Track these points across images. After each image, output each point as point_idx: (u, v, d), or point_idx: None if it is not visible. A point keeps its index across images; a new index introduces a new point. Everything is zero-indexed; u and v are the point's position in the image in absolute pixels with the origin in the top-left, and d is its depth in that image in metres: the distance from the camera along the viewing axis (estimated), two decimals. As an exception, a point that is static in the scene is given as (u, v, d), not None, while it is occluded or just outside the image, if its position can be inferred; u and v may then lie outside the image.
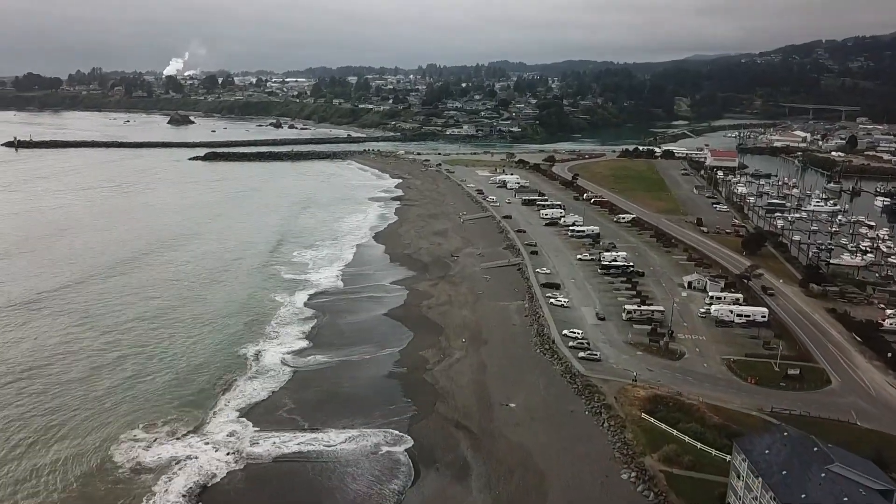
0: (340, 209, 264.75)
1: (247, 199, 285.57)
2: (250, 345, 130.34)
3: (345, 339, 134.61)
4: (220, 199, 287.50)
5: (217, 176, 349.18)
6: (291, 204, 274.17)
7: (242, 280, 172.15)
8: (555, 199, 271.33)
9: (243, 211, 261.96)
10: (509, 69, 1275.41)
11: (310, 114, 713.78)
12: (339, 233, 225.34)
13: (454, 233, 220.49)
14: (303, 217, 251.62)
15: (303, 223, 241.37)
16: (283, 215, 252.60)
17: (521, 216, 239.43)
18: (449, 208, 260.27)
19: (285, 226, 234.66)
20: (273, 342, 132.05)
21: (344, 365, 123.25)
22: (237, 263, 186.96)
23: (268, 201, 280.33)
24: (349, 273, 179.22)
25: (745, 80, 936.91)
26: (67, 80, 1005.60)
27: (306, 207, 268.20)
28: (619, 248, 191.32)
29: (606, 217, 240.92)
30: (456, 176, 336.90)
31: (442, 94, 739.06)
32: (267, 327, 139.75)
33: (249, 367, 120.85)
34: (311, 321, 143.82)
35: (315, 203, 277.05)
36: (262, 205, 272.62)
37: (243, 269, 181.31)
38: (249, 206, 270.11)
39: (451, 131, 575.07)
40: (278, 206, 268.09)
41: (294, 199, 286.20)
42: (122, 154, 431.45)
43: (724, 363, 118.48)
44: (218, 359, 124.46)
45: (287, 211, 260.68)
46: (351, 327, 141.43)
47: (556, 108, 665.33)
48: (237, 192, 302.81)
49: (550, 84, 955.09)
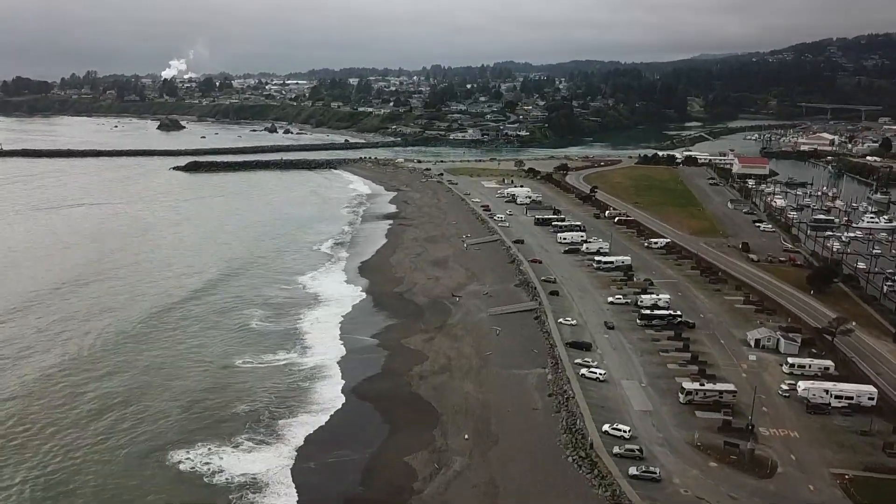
0: (322, 230, 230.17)
1: (214, 219, 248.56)
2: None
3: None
4: (181, 218, 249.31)
5: (193, 189, 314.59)
6: (266, 224, 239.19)
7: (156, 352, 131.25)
8: (572, 216, 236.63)
9: (201, 234, 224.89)
10: (515, 69, 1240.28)
11: (307, 117, 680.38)
12: (316, 264, 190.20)
13: (456, 262, 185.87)
14: (275, 242, 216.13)
15: (273, 250, 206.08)
16: (252, 238, 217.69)
17: (535, 240, 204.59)
18: (451, 229, 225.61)
19: (249, 256, 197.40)
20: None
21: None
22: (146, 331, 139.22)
23: (237, 222, 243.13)
24: (316, 331, 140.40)
25: (758, 79, 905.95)
26: (60, 84, 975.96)
27: (281, 229, 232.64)
28: (657, 286, 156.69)
29: (635, 241, 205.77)
30: (459, 188, 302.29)
31: (445, 96, 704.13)
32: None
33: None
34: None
35: (294, 223, 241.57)
36: (230, 226, 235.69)
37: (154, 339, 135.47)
38: (212, 229, 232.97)
39: (454, 136, 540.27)
40: (250, 228, 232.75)
41: (271, 217, 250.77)
42: (100, 164, 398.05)
43: (835, 482, 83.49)
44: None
45: (259, 233, 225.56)
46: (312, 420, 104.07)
47: (565, 109, 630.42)
48: (206, 210, 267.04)
49: (558, 85, 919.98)
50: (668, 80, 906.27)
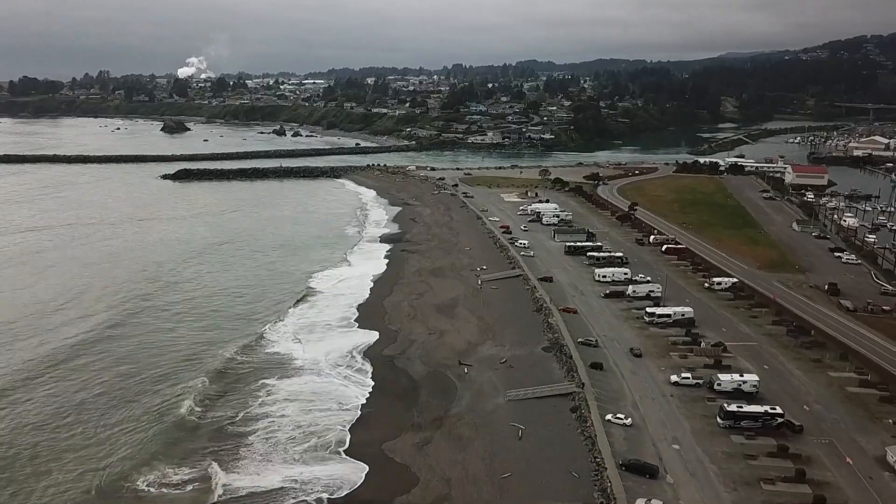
0: (312, 258, 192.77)
1: (188, 243, 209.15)
2: None
3: None
4: (147, 244, 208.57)
5: (177, 203, 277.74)
6: (245, 248, 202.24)
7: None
8: (610, 241, 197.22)
9: (166, 266, 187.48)
10: (538, 69, 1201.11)
11: (319, 119, 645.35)
12: (292, 312, 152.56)
13: (467, 307, 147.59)
14: (248, 274, 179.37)
15: (244, 284, 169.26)
16: (222, 270, 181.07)
17: (567, 276, 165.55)
18: (462, 257, 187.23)
19: (219, 298, 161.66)
20: None
21: None
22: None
23: (211, 249, 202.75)
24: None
25: (793, 78, 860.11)
26: (70, 84, 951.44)
27: (262, 257, 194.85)
28: (734, 353, 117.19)
29: (690, 278, 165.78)
30: (475, 202, 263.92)
31: (465, 96, 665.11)
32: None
33: None
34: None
35: (279, 248, 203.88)
36: (201, 255, 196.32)
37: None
38: (178, 256, 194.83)
39: (473, 139, 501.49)
40: (225, 256, 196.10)
41: (253, 239, 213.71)
42: (86, 171, 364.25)
43: None
44: None
45: (231, 262, 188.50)
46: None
47: (592, 110, 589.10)
48: (185, 230, 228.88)
49: (583, 84, 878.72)
50: (698, 79, 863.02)
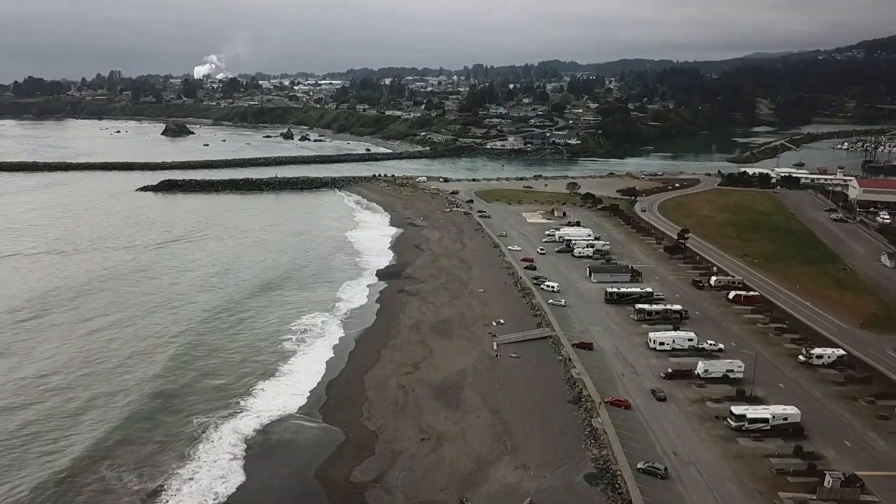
0: (288, 301, 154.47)
1: (141, 282, 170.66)
2: None
3: None
4: (64, 286, 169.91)
5: (146, 224, 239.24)
6: (205, 289, 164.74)
7: None
8: (662, 284, 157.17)
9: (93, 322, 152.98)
10: (561, 69, 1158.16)
11: (329, 122, 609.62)
12: (253, 385, 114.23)
13: (478, 390, 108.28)
14: (209, 328, 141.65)
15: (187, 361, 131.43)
16: (169, 324, 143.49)
17: (611, 337, 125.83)
18: (474, 305, 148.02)
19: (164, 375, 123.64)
20: None
21: None
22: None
23: (167, 293, 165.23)
24: None
25: (829, 79, 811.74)
26: (80, 84, 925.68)
27: (229, 297, 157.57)
28: (879, 495, 77.76)
29: (773, 343, 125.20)
30: (493, 223, 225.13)
31: (485, 97, 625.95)
32: None
33: None
34: None
35: (251, 289, 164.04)
36: (140, 304, 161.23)
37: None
38: (108, 305, 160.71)
39: (492, 144, 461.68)
40: (179, 303, 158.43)
41: (219, 278, 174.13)
42: (64, 180, 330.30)
43: None
44: None
45: (186, 317, 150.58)
46: None
47: (621, 113, 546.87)
48: (143, 261, 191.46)
49: (609, 85, 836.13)
50: (729, 79, 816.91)
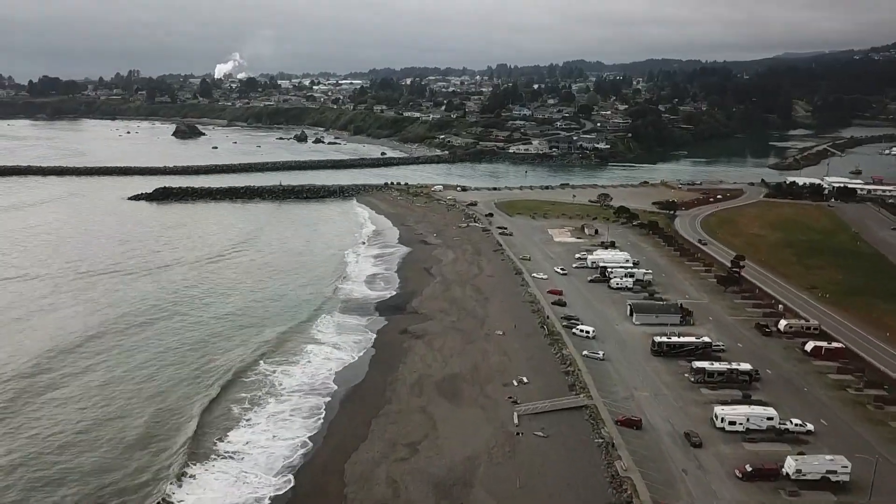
0: (256, 351, 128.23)
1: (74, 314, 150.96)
2: None
3: None
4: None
5: (129, 240, 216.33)
6: (166, 334, 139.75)
7: None
8: (717, 326, 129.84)
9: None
10: (586, 69, 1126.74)
11: (346, 123, 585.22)
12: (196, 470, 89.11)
13: (490, 490, 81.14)
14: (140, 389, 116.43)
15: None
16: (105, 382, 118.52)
17: (663, 407, 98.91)
18: (491, 353, 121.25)
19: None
20: None
21: None
22: None
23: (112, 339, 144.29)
24: None
25: (867, 79, 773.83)
26: (97, 84, 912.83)
27: (150, 358, 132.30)
28: None
29: (879, 421, 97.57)
30: (515, 242, 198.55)
31: (508, 98, 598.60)
32: None
33: None
34: None
35: (220, 327, 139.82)
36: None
37: None
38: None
39: (515, 148, 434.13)
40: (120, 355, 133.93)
41: (188, 311, 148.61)
42: (58, 185, 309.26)
43: None
44: None
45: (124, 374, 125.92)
46: None
47: (652, 115, 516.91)
48: (96, 291, 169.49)
49: (636, 85, 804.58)
50: (762, 80, 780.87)
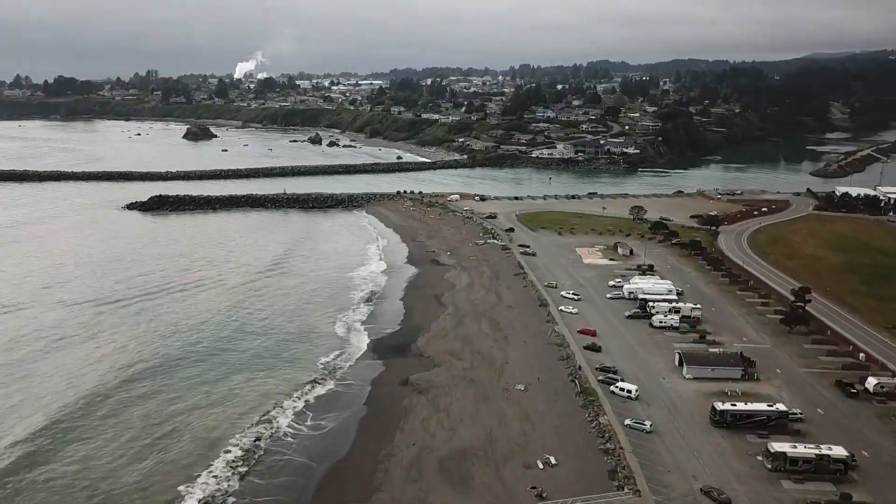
0: (217, 409, 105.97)
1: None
2: None
3: None
4: None
5: (108, 261, 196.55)
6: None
7: None
8: (783, 381, 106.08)
9: None
10: (611, 69, 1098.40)
11: (362, 125, 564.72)
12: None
13: None
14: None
15: None
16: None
17: None
18: (509, 422, 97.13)
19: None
20: None
21: None
22: None
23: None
24: None
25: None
26: (113, 84, 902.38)
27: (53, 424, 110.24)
28: None
29: None
30: (539, 263, 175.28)
31: (531, 98, 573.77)
32: None
33: None
34: None
35: (158, 381, 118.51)
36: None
37: None
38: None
39: (538, 153, 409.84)
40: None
41: (118, 369, 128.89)
42: (52, 192, 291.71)
43: None
44: None
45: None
46: None
47: (683, 118, 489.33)
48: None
49: (664, 86, 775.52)
50: (794, 80, 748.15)
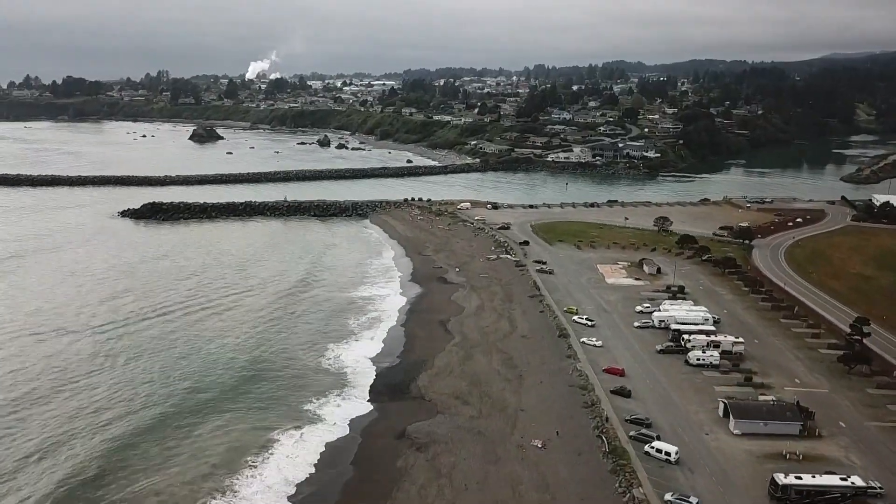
0: (180, 465, 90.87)
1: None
2: None
3: None
4: None
5: (89, 280, 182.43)
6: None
7: None
8: (853, 440, 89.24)
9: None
10: (627, 70, 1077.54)
11: (373, 127, 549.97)
12: None
13: None
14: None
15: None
16: None
17: None
18: (524, 490, 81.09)
19: None
20: None
21: None
22: None
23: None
24: None
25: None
26: (123, 84, 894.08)
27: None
28: None
29: None
30: (557, 282, 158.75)
31: (546, 100, 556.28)
32: None
33: None
34: None
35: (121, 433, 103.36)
36: None
37: None
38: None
39: (554, 156, 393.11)
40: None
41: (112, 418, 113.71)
42: (45, 197, 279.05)
43: None
44: None
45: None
46: None
47: (704, 120, 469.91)
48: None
49: (681, 87, 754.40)
50: (818, 81, 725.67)
